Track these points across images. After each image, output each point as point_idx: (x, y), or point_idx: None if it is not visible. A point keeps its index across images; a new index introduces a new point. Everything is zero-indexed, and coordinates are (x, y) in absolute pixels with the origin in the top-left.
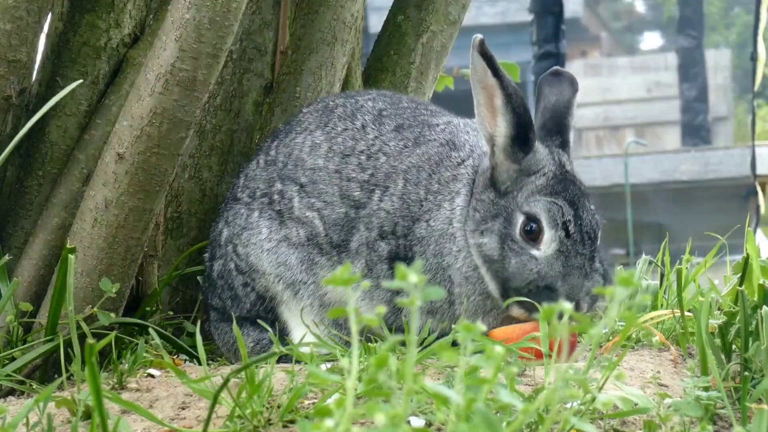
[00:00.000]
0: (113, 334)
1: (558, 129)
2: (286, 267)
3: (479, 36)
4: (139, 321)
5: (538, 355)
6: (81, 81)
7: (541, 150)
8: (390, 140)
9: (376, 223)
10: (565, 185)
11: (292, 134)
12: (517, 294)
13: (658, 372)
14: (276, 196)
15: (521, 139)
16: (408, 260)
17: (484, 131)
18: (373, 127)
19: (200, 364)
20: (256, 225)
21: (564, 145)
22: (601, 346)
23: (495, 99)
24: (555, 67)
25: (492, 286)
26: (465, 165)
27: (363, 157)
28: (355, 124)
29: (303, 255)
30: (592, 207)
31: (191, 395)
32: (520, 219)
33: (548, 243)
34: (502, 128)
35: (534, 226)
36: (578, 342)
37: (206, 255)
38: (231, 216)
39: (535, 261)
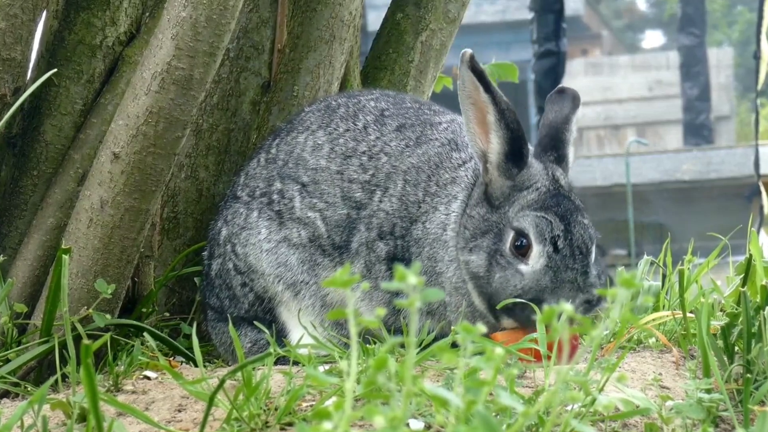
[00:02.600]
0: (108, 335)
1: (553, 144)
2: (286, 267)
3: (468, 51)
4: (134, 322)
5: (539, 356)
6: (55, 70)
7: (535, 165)
8: (391, 140)
9: (376, 223)
10: (557, 200)
11: (293, 133)
12: (504, 310)
13: (660, 374)
14: (275, 196)
15: (515, 155)
16: (406, 261)
17: (475, 148)
18: (375, 127)
19: (197, 365)
20: (255, 225)
21: (560, 160)
22: (602, 348)
23: (488, 116)
24: (560, 86)
25: (478, 302)
26: (465, 167)
27: (365, 158)
28: (357, 124)
29: (304, 256)
30: (586, 221)
31: (188, 397)
32: (510, 234)
33: (536, 258)
34: (495, 145)
35: (523, 241)
36: (579, 344)
37: (205, 253)
38: (230, 215)
39: (519, 276)
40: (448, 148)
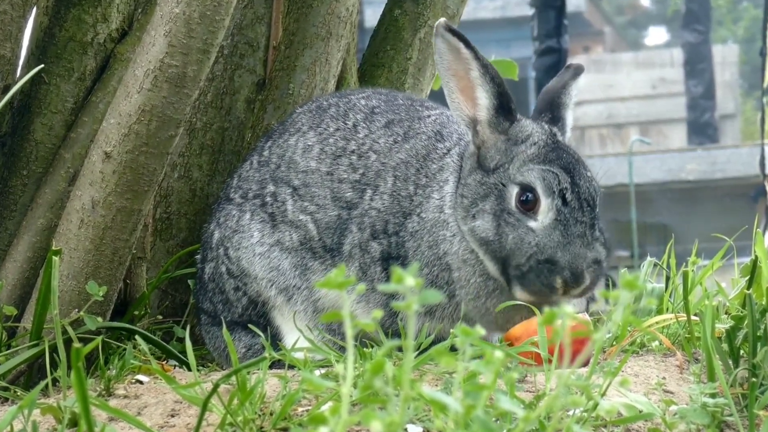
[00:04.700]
0: (100, 338)
1: (549, 107)
2: (279, 272)
3: (442, 19)
4: (126, 325)
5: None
6: (42, 66)
7: (525, 120)
8: (380, 137)
9: (368, 222)
10: (558, 153)
11: (285, 135)
12: (518, 271)
13: (664, 378)
14: (268, 198)
15: (504, 108)
16: (401, 258)
17: (462, 116)
18: (364, 125)
19: (190, 369)
20: (247, 228)
21: (555, 120)
22: (604, 352)
23: (471, 72)
24: (568, 63)
25: (492, 268)
26: (450, 154)
27: (354, 157)
28: (347, 123)
29: (296, 260)
30: (589, 174)
31: (181, 402)
32: (514, 190)
33: (545, 212)
34: (483, 101)
35: (530, 195)
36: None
37: (198, 257)
38: (222, 217)
39: (533, 233)
40: (434, 139)
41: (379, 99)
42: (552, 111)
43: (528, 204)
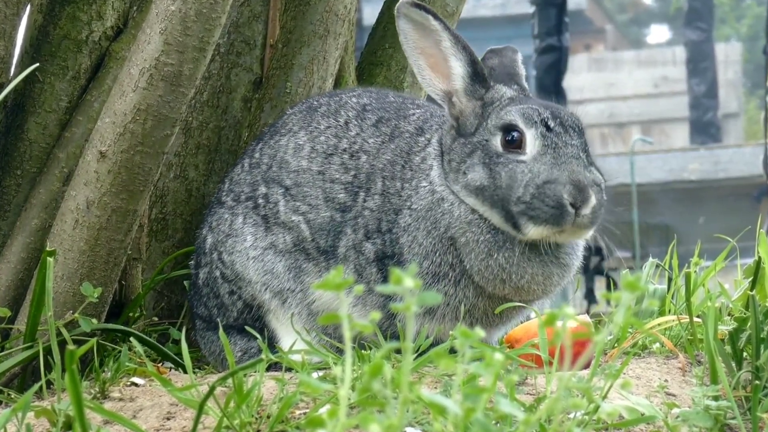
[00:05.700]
0: (94, 340)
1: (511, 78)
2: (273, 275)
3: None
4: (122, 327)
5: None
6: (38, 65)
7: (497, 85)
8: (370, 137)
9: (362, 223)
10: (531, 100)
11: (276, 136)
12: (522, 205)
13: (666, 380)
14: (261, 200)
15: (479, 75)
16: (396, 256)
17: (437, 91)
18: (356, 123)
19: (186, 372)
20: (240, 232)
21: (522, 90)
22: (605, 354)
23: (442, 43)
24: (491, 48)
25: (497, 219)
26: (431, 143)
27: (345, 156)
28: (339, 120)
29: (290, 262)
30: (568, 109)
31: (177, 405)
32: (497, 136)
33: (532, 143)
34: (458, 69)
35: (515, 134)
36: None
37: (192, 263)
38: (215, 221)
39: (524, 164)
40: (416, 135)
41: (371, 97)
42: (515, 82)
43: (514, 143)
